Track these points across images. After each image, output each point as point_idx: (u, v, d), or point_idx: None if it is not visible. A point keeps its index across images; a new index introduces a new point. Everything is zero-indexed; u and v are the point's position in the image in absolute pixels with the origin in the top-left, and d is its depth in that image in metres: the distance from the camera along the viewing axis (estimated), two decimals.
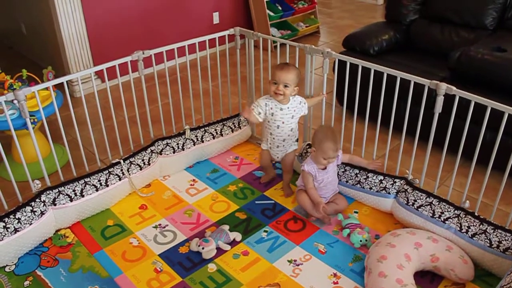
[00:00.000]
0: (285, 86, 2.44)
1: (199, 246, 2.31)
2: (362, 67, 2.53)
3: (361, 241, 2.36)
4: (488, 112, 2.15)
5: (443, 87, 2.24)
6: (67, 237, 2.47)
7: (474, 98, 2.18)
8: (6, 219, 2.25)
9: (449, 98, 2.26)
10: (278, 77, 2.43)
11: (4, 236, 2.23)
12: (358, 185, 2.59)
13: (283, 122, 2.53)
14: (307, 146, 2.85)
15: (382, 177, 2.54)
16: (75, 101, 3.75)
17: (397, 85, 2.43)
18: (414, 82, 2.37)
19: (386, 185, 2.52)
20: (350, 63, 2.60)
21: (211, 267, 2.26)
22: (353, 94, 2.66)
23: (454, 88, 2.23)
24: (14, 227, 2.26)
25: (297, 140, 2.70)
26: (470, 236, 2.23)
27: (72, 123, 2.53)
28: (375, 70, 2.49)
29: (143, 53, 2.65)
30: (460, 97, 2.23)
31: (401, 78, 2.41)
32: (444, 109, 2.30)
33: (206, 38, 2.89)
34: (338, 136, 2.49)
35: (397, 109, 2.51)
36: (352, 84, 2.64)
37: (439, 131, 2.38)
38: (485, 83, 2.84)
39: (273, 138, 2.60)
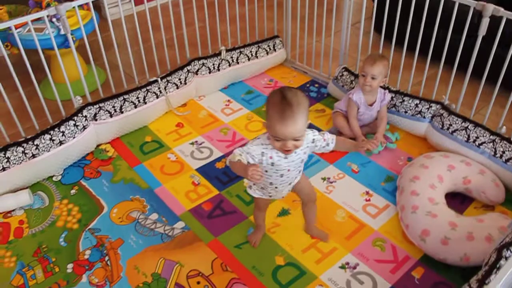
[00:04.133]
0: (295, 139, 1.56)
1: None
2: None
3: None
4: None
5: (490, 8, 2.16)
6: (108, 151, 2.57)
7: None
8: (52, 132, 2.36)
9: (493, 23, 2.19)
10: (283, 133, 1.53)
11: (50, 147, 2.34)
12: (393, 109, 2.59)
13: (288, 170, 1.72)
14: (343, 70, 2.84)
15: (418, 101, 2.53)
16: (107, 25, 3.75)
17: (440, 8, 2.35)
18: (459, 4, 2.29)
19: (421, 109, 2.51)
20: None
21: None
22: (392, 21, 2.60)
23: (502, 9, 2.15)
24: (59, 139, 2.36)
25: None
26: (504, 161, 2.24)
27: (106, 46, 2.56)
28: None
29: None
30: (506, 20, 2.16)
31: (444, 2, 2.33)
32: (486, 36, 2.24)
33: None
34: (381, 59, 2.40)
35: (436, 38, 2.45)
36: (391, 11, 2.56)
37: (479, 60, 2.33)
38: None
39: (276, 187, 1.80)
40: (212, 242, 2.05)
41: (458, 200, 2.23)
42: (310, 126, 2.68)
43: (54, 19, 2.70)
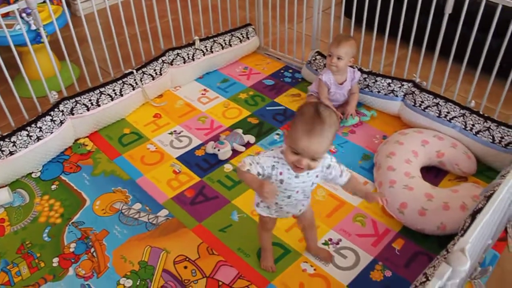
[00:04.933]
0: (313, 159, 1.42)
1: (215, 148, 2.41)
2: None
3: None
4: (498, 12, 2.17)
5: None
6: (86, 145, 2.57)
7: None
8: (29, 128, 2.33)
9: (458, 3, 2.28)
10: (304, 148, 1.39)
11: (28, 143, 2.32)
12: (367, 89, 2.66)
13: (297, 192, 1.58)
14: (316, 54, 2.89)
15: (390, 81, 2.60)
16: (78, 20, 3.71)
17: None
18: None
19: (394, 88, 2.58)
20: None
21: (227, 167, 2.38)
22: (361, 4, 2.66)
23: None
24: (36, 135, 2.35)
25: None
26: (474, 133, 2.33)
27: (79, 41, 2.56)
28: None
29: None
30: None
31: None
32: (452, 16, 2.32)
33: None
34: (346, 39, 2.46)
35: (405, 19, 2.53)
36: None
37: (446, 40, 2.42)
38: None
39: (281, 207, 1.66)
40: (196, 228, 2.08)
41: (433, 173, 2.31)
42: (287, 110, 2.73)
43: (24, 14, 2.66)
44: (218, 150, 2.39)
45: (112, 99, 2.60)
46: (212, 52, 2.99)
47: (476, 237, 1.09)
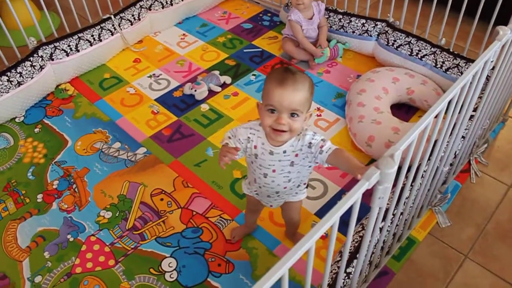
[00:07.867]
0: (292, 115, 1.29)
1: (192, 89, 2.48)
2: None
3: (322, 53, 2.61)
4: None
5: None
6: (68, 90, 2.63)
7: None
8: (9, 73, 2.38)
9: None
10: (279, 99, 1.26)
11: (9, 89, 2.38)
12: (342, 30, 2.69)
13: (274, 171, 1.43)
14: None
15: (364, 21, 2.63)
16: None
17: None
18: None
19: (368, 28, 2.62)
20: None
21: (204, 107, 2.45)
22: None
23: None
24: (17, 80, 2.40)
25: (306, 186, 1.65)
26: (444, 70, 2.38)
27: None
28: None
29: None
30: None
31: None
32: None
33: None
34: None
35: None
36: None
37: None
38: None
39: (260, 187, 1.52)
40: (173, 163, 2.17)
41: (404, 110, 2.38)
42: (264, 52, 2.78)
43: None
44: (195, 90, 2.46)
45: (91, 45, 2.64)
46: None
47: (409, 147, 1.17)
